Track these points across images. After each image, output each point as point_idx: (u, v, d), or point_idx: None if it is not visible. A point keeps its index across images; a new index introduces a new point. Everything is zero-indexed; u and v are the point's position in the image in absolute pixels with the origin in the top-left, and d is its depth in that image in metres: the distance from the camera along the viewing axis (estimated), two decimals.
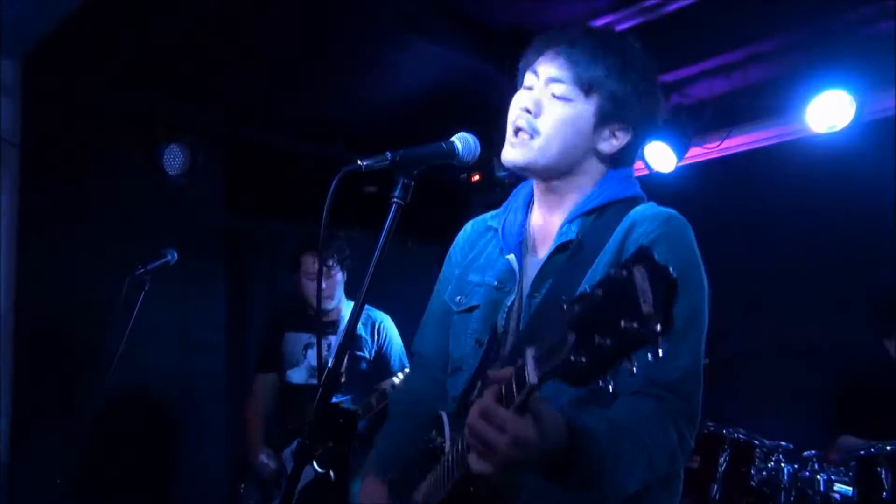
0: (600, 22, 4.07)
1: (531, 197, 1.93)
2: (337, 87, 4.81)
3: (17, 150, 4.37)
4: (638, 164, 4.84)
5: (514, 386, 1.34)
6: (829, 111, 4.05)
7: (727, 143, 4.74)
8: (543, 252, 1.82)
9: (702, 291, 1.71)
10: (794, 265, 4.68)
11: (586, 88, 1.75)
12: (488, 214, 2.05)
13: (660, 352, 1.16)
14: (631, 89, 1.77)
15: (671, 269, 1.14)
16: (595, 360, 1.18)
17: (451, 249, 2.09)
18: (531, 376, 1.28)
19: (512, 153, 1.78)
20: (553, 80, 1.77)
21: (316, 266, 4.14)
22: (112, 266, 4.08)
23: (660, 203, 1.83)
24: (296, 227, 5.04)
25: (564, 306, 1.24)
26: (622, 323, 1.15)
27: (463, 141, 1.75)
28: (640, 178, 5.02)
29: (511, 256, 1.85)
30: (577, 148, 1.78)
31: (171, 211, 4.79)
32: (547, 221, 1.87)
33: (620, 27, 4.14)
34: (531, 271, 1.81)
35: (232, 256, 5.35)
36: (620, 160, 1.85)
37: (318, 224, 1.68)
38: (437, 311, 2.04)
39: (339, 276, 4.25)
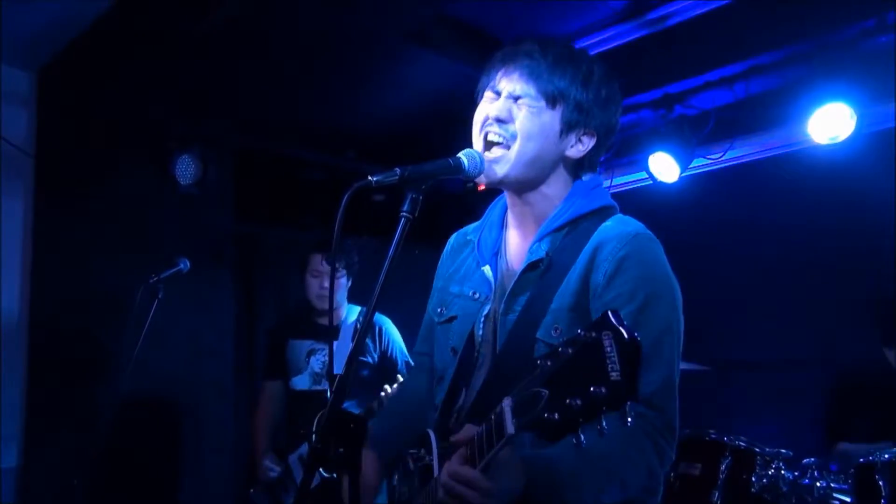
0: (606, 34, 4.12)
1: (506, 210, 1.98)
2: (346, 98, 4.85)
3: (32, 159, 4.44)
4: (641, 175, 4.89)
5: (494, 434, 1.41)
6: (831, 123, 4.08)
7: (730, 154, 4.78)
8: (517, 265, 1.87)
9: (673, 306, 1.75)
10: (796, 274, 4.70)
11: (551, 99, 1.79)
12: (470, 227, 2.11)
13: (628, 419, 1.25)
14: (593, 97, 1.82)
15: (637, 337, 1.22)
16: (566, 418, 1.26)
17: (439, 262, 2.17)
18: (509, 427, 1.35)
19: (489, 169, 1.81)
20: (517, 96, 1.80)
21: (322, 265, 4.21)
22: (125, 274, 4.13)
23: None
24: (305, 235, 5.10)
25: (538, 360, 1.33)
26: (591, 387, 1.22)
27: (469, 157, 1.80)
28: (644, 189, 5.04)
29: (486, 268, 1.91)
30: (547, 155, 1.83)
31: (183, 220, 4.84)
32: (520, 235, 1.92)
33: (625, 40, 4.19)
34: (506, 284, 1.87)
35: (242, 264, 5.40)
36: (586, 166, 1.91)
37: (327, 232, 1.72)
38: (426, 323, 2.15)
39: (343, 281, 4.30)
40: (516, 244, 1.93)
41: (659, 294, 1.73)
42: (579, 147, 1.86)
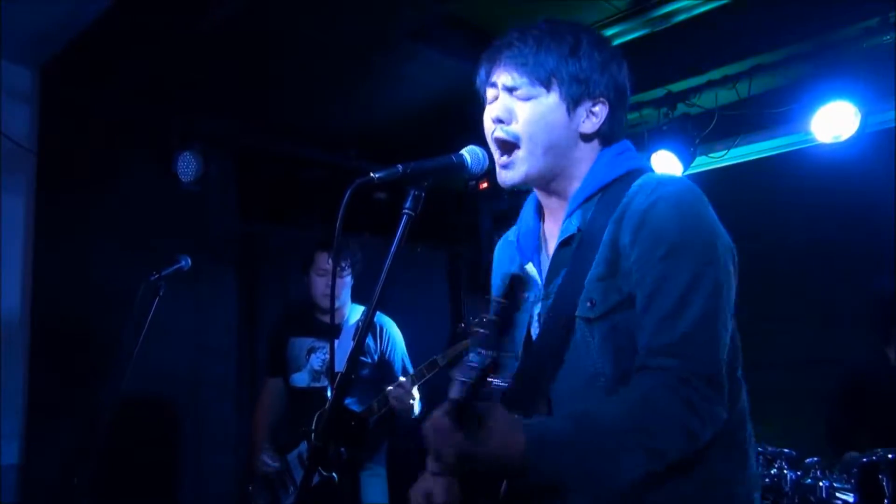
0: (608, 33, 4.11)
1: (539, 202, 1.92)
2: (349, 96, 4.86)
3: (34, 156, 4.44)
4: None
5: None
6: (834, 122, 4.08)
7: (733, 153, 4.78)
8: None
9: (706, 255, 1.61)
10: (798, 274, 4.70)
11: (545, 82, 1.74)
12: (511, 230, 2.04)
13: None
14: (587, 64, 1.75)
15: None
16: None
17: (492, 274, 2.09)
18: (453, 392, 1.37)
19: (505, 175, 1.78)
20: (511, 87, 1.76)
21: (328, 263, 4.19)
22: (126, 270, 4.12)
23: None
24: (307, 234, 5.10)
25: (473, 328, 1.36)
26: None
27: (472, 154, 1.78)
28: None
29: (530, 266, 1.84)
30: (560, 139, 1.76)
31: (185, 217, 4.83)
32: (556, 222, 1.85)
33: (628, 38, 4.19)
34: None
35: (244, 262, 5.40)
36: (609, 135, 1.82)
37: (329, 230, 1.72)
38: None
39: (348, 279, 4.29)
40: (552, 232, 1.85)
41: (687, 242, 1.60)
42: (593, 120, 1.78)
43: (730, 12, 3.86)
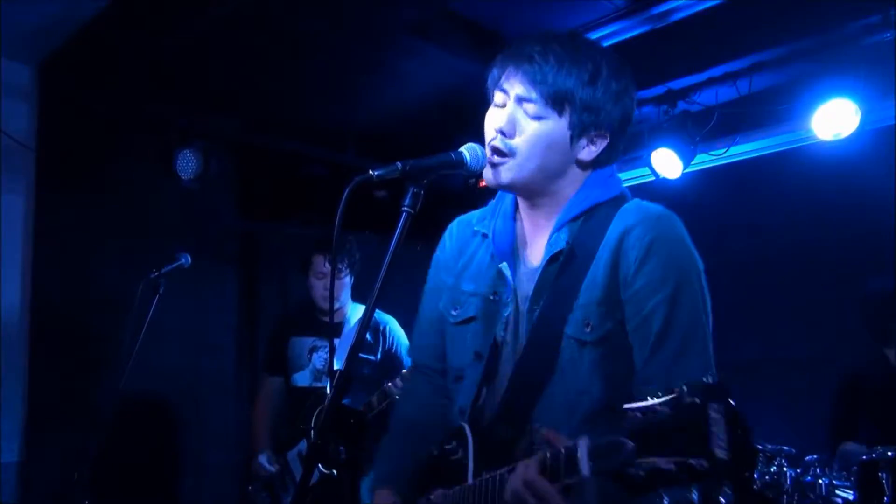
0: (608, 30, 4.10)
1: (517, 201, 1.91)
2: (348, 94, 4.85)
3: (33, 154, 4.44)
4: (644, 171, 4.88)
5: (564, 468, 1.37)
6: (834, 119, 4.07)
7: (733, 150, 4.77)
8: (535, 260, 1.82)
9: (700, 285, 1.72)
10: (799, 272, 4.69)
11: (558, 104, 1.72)
12: (473, 216, 2.03)
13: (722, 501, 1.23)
14: (602, 94, 1.74)
15: (745, 418, 1.17)
16: (653, 478, 1.20)
17: (437, 253, 2.07)
18: (584, 468, 1.30)
19: (492, 174, 1.78)
20: (523, 99, 1.74)
21: (325, 266, 4.18)
22: (125, 268, 4.14)
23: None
24: (307, 232, 5.09)
25: (628, 410, 1.26)
26: (690, 458, 1.17)
27: (471, 151, 1.77)
28: (647, 185, 5.02)
29: (504, 266, 1.84)
30: (555, 162, 1.77)
31: (185, 215, 4.84)
32: (536, 228, 1.86)
33: (628, 35, 4.17)
34: (525, 281, 1.81)
35: (244, 260, 5.40)
36: (602, 162, 1.83)
37: (329, 228, 1.70)
38: (433, 320, 2.01)
39: (347, 280, 4.29)
40: (533, 236, 1.86)
41: (688, 278, 1.70)
42: (591, 148, 1.79)
43: (730, 9, 3.84)
